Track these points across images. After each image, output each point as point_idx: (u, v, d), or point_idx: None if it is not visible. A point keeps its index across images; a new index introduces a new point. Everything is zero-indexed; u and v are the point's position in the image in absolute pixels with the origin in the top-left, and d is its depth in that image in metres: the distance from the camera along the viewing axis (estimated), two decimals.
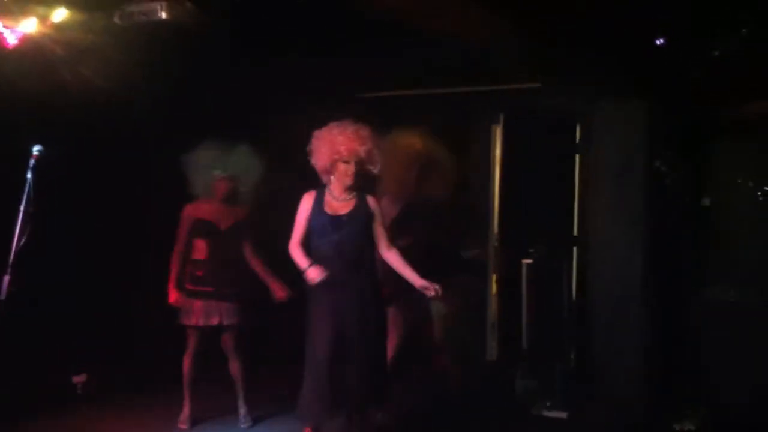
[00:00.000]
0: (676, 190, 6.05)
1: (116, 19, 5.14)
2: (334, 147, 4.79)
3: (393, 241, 5.03)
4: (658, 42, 5.88)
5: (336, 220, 4.79)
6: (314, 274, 4.67)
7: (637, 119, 6.36)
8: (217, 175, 5.66)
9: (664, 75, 5.98)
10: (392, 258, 4.93)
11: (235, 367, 5.80)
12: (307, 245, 4.84)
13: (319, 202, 4.86)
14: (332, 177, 4.87)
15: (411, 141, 6.01)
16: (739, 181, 5.87)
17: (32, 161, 4.64)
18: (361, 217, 4.86)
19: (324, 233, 4.79)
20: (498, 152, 7.45)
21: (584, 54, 5.83)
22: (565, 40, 5.69)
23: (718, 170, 6.78)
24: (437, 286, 4.78)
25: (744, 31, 5.35)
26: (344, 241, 4.77)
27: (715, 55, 5.60)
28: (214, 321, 5.60)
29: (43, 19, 5.07)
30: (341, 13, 5.37)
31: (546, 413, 6.33)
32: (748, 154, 6.58)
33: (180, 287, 5.61)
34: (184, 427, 5.74)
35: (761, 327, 6.06)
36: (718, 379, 6.06)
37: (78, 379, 6.43)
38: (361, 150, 4.80)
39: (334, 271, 4.70)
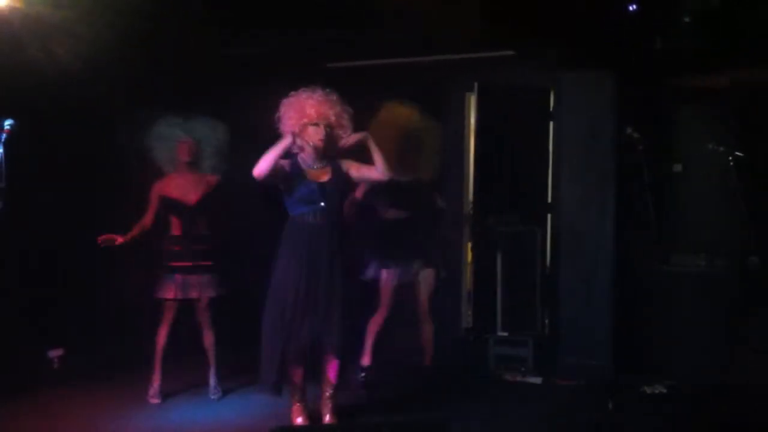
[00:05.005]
0: (647, 156, 6.10)
1: None
2: (303, 110, 4.83)
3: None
4: (631, 7, 5.91)
5: (322, 187, 4.86)
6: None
7: (605, 87, 6.41)
8: (179, 138, 5.68)
9: (631, 44, 6.03)
10: (379, 168, 4.92)
11: (208, 339, 5.82)
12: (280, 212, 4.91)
13: (297, 169, 4.90)
14: (302, 144, 4.86)
15: (397, 116, 6.00)
16: (710, 146, 5.87)
17: (3, 135, 4.58)
18: (341, 183, 4.95)
19: (312, 200, 4.84)
20: (473, 120, 7.46)
21: (553, 23, 5.85)
22: (534, 9, 5.71)
23: (686, 137, 6.83)
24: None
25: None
26: (330, 208, 4.86)
27: (683, 24, 5.64)
28: (193, 294, 5.64)
29: None
30: None
31: (520, 379, 6.43)
32: (715, 120, 6.63)
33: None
34: (155, 401, 5.69)
35: (727, 294, 6.19)
36: (685, 344, 6.18)
37: (54, 353, 6.44)
38: (331, 113, 4.84)
39: (316, 233, 4.80)
